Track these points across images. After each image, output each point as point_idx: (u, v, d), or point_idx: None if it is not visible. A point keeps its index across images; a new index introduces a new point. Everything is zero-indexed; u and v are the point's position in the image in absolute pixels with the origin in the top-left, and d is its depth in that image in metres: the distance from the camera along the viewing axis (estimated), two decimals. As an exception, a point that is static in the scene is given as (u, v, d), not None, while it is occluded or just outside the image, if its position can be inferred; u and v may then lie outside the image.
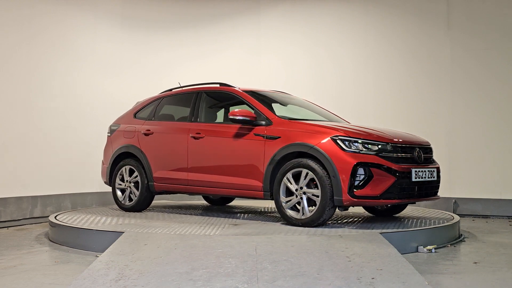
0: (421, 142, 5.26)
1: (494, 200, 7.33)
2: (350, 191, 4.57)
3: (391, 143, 4.84)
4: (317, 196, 4.71)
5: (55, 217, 5.68)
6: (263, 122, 5.19)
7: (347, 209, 5.01)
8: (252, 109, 5.37)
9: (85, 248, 4.77)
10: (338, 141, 4.71)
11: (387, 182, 4.64)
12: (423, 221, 5.33)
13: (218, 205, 7.20)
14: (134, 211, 6.16)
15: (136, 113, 6.50)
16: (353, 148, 4.68)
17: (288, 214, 4.92)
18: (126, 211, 6.21)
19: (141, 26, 8.57)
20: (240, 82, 6.14)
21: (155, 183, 5.99)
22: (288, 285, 3.12)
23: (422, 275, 3.51)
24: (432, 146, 5.47)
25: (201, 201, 7.79)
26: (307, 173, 4.77)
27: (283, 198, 4.94)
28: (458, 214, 6.52)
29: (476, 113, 7.55)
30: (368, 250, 3.88)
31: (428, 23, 7.85)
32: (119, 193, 6.31)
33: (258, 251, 3.81)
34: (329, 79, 8.29)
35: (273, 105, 5.65)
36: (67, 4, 7.65)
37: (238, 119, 5.17)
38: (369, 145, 4.73)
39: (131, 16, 8.48)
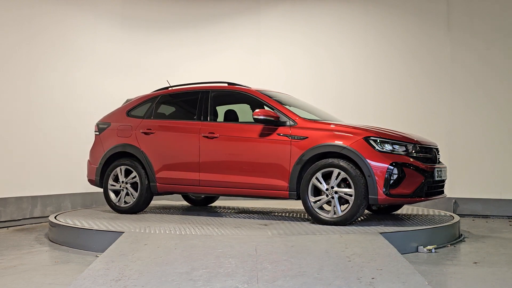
0: (433, 143, 5.49)
1: (494, 200, 7.33)
2: (386, 190, 4.73)
3: (416, 144, 5.06)
4: (350, 195, 4.82)
5: (55, 217, 5.68)
6: (287, 123, 5.23)
7: (378, 207, 5.11)
8: (272, 109, 5.37)
9: (85, 248, 4.77)
10: (371, 141, 4.86)
11: (417, 181, 4.86)
12: (423, 221, 5.33)
13: (200, 206, 7.05)
14: (131, 213, 5.94)
15: (129, 111, 6.27)
16: (385, 149, 4.85)
17: (319, 213, 4.98)
18: (121, 213, 5.97)
19: (141, 26, 8.57)
20: (240, 82, 6.13)
21: (157, 184, 5.82)
22: (288, 285, 3.12)
23: (422, 275, 3.51)
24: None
25: (180, 202, 7.65)
26: (339, 173, 4.86)
27: (311, 198, 4.99)
28: (458, 214, 6.52)
29: (476, 113, 7.55)
30: (368, 250, 3.88)
31: (428, 23, 7.85)
32: (112, 194, 6.04)
33: (258, 251, 3.81)
34: (329, 79, 8.29)
35: None
36: (67, 4, 7.65)
37: (261, 118, 5.18)
38: (398, 146, 4.94)
39: (131, 16, 8.48)
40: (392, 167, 4.74)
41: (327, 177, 4.95)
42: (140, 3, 8.58)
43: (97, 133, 6.40)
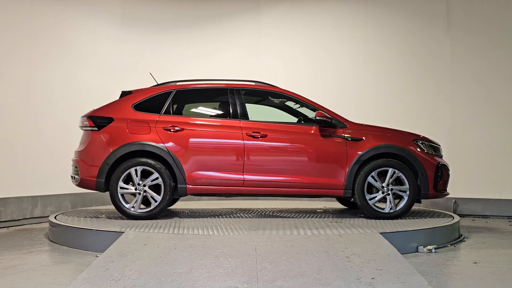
0: None
1: (494, 200, 7.34)
2: (434, 187, 5.48)
3: (439, 146, 5.79)
4: (405, 192, 5.41)
5: (55, 217, 5.68)
6: (338, 125, 5.56)
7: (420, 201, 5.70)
8: (314, 111, 5.65)
9: (85, 248, 4.77)
10: (419, 143, 5.55)
11: (447, 178, 5.67)
12: (423, 221, 5.33)
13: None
14: (150, 219, 5.38)
15: (136, 105, 5.64)
16: (429, 150, 5.57)
17: (375, 209, 5.44)
18: (138, 219, 5.37)
19: (141, 26, 8.57)
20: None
21: (188, 185, 5.40)
22: (288, 285, 3.12)
23: (422, 275, 3.51)
24: None
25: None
26: (394, 172, 5.38)
27: (367, 195, 5.42)
28: (458, 214, 6.52)
29: (476, 113, 7.56)
30: (368, 250, 3.88)
31: (428, 23, 7.86)
32: (122, 198, 5.40)
33: (258, 251, 3.81)
34: (329, 79, 8.30)
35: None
36: (67, 4, 7.65)
37: (319, 119, 5.46)
38: (435, 147, 5.67)
39: (131, 16, 8.48)
40: (438, 167, 5.49)
41: (379, 175, 5.43)
42: (140, 3, 8.58)
43: (96, 128, 5.57)
